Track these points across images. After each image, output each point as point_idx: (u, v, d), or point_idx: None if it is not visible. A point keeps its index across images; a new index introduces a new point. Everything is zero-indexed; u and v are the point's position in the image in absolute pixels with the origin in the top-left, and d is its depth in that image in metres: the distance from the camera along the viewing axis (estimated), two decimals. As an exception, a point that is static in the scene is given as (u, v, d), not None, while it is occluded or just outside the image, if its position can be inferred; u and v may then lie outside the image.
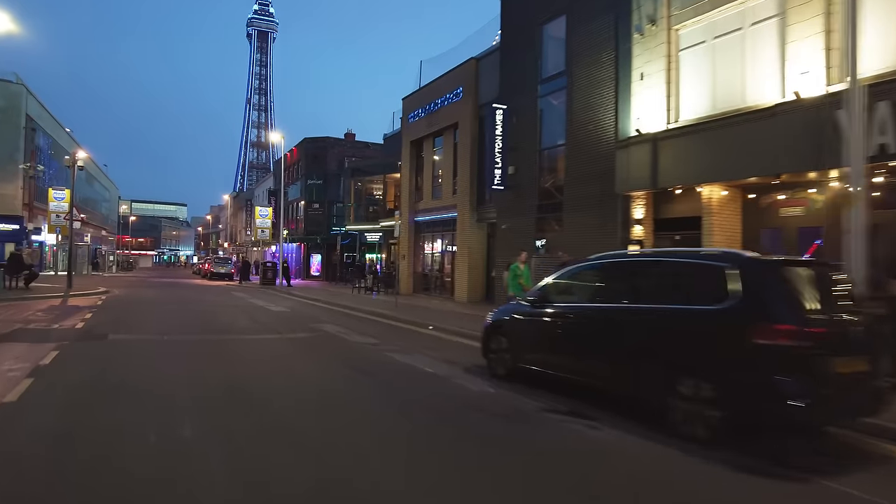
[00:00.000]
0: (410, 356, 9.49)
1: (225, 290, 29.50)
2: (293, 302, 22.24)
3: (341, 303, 21.00)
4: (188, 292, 26.67)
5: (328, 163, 43.44)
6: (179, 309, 17.43)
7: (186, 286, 32.44)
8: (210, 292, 26.97)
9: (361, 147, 44.59)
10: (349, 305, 19.93)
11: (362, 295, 26.18)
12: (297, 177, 47.14)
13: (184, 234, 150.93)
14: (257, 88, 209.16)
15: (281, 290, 29.19)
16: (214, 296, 24.36)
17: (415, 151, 27.45)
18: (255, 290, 30.12)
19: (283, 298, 24.20)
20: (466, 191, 22.34)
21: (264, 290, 29.35)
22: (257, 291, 28.57)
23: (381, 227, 30.99)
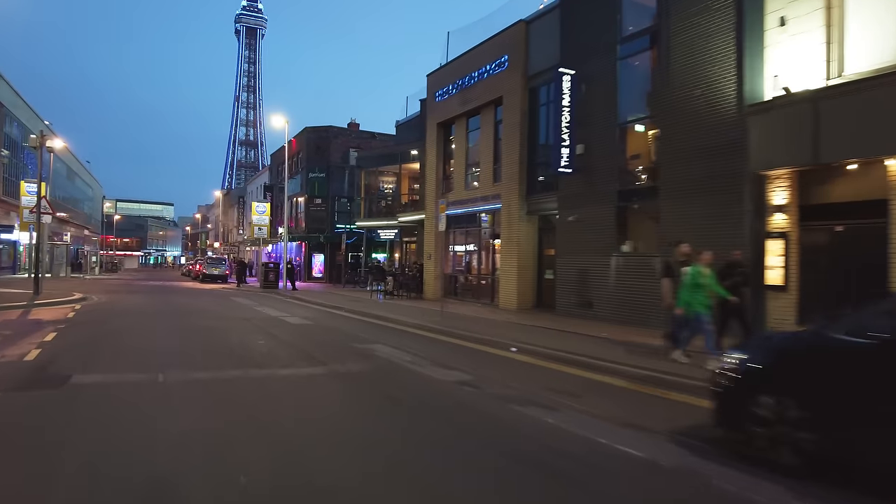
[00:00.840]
0: (553, 413, 5.87)
1: (222, 294, 25.65)
2: (311, 311, 18.52)
3: (369, 311, 17.32)
4: (181, 298, 22.81)
5: (331, 154, 39.63)
6: (174, 324, 13.66)
7: (178, 290, 28.51)
8: (206, 298, 23.14)
9: (367, 137, 40.81)
10: (381, 315, 16.26)
11: (387, 301, 22.47)
12: (296, 170, 43.26)
13: (171, 234, 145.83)
14: (246, 85, 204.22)
15: (287, 295, 25.42)
16: (213, 303, 20.55)
17: (442, 135, 23.79)
18: (257, 294, 26.30)
19: (296, 305, 20.44)
20: (514, 177, 18.73)
21: (268, 295, 25.55)
22: (261, 296, 24.77)
23: (399, 222, 27.27)
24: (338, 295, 25.36)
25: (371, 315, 16.48)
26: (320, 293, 26.33)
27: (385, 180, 32.90)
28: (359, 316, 16.66)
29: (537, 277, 18.91)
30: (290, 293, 26.03)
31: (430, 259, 23.79)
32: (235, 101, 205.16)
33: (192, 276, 44.18)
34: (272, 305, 19.80)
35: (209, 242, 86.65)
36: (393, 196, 32.01)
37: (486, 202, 20.54)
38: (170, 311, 16.73)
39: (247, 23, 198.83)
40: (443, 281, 23.44)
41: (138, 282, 37.03)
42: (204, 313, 16.22)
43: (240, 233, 63.13)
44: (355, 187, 40.21)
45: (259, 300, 22.25)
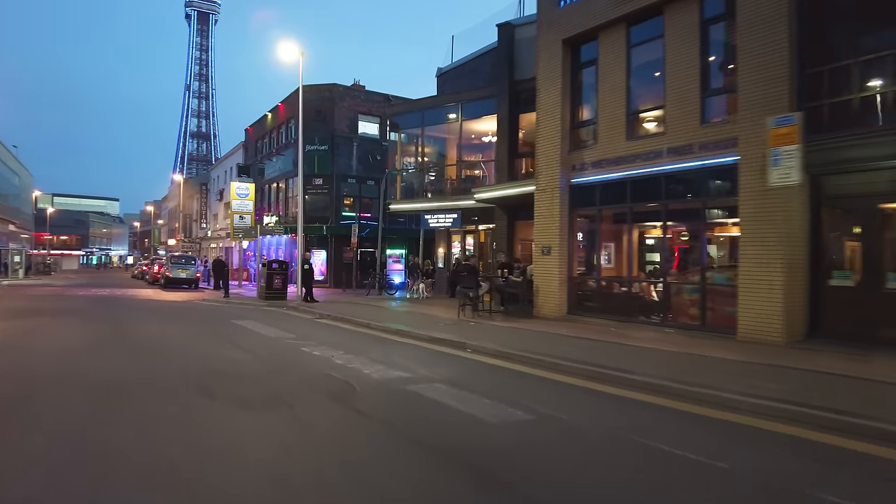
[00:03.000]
0: None
1: (212, 314, 16.02)
2: (409, 350, 9.38)
3: (522, 351, 8.32)
4: (148, 324, 13.11)
5: (336, 121, 30.04)
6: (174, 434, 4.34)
7: (135, 304, 18.60)
8: (193, 324, 13.54)
9: (379, 101, 31.40)
10: (566, 364, 7.28)
11: (492, 322, 13.44)
12: (284, 144, 33.36)
13: (116, 231, 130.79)
14: (197, 74, 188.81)
15: (311, 310, 16.04)
16: (218, 339, 11.07)
17: (572, 61, 14.86)
18: (267, 311, 16.80)
19: (368, 339, 11.17)
20: (770, 103, 10.04)
21: (286, 312, 16.15)
22: (277, 314, 15.33)
23: (476, 201, 18.06)
24: (391, 311, 16.14)
25: (534, 359, 7.49)
26: (361, 307, 17.01)
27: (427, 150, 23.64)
28: (521, 367, 7.57)
29: (810, 283, 10.35)
30: (308, 306, 16.58)
31: (546, 255, 14.83)
32: (186, 91, 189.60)
33: (150, 281, 33.64)
34: (333, 340, 10.47)
35: (163, 240, 74.68)
36: (438, 169, 22.77)
37: (687, 156, 11.84)
38: (143, 379, 7.06)
39: (199, 7, 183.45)
40: (572, 290, 14.56)
41: (75, 290, 26.46)
42: (239, 384, 6.78)
43: (202, 227, 52.27)
44: (375, 160, 30.87)
45: (287, 324, 12.83)
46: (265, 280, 19.11)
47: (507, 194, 16.43)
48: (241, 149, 41.43)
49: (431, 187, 21.79)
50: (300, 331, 12.04)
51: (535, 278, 15.05)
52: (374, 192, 31.25)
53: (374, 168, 30.88)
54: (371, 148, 30.91)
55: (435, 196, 21.10)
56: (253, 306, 18.01)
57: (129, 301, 19.62)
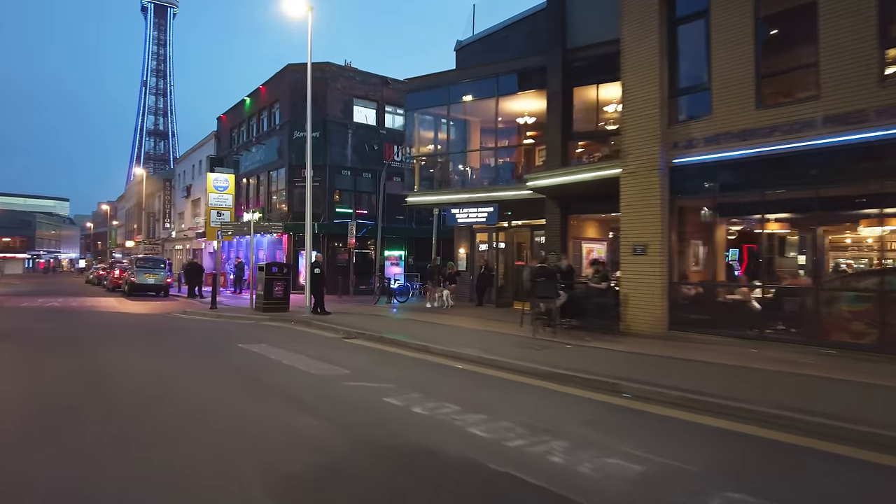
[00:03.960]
0: None
1: (206, 331, 12.31)
2: (548, 399, 6.05)
3: (713, 396, 5.15)
4: (130, 358, 9.32)
5: (329, 105, 26.35)
6: None
7: (100, 320, 14.62)
8: (193, 351, 9.87)
9: (376, 83, 27.86)
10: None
11: (583, 342, 10.26)
12: (267, 131, 29.39)
13: (66, 233, 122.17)
14: (154, 70, 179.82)
15: (330, 325, 12.51)
16: (243, 379, 7.51)
17: (665, 14, 11.78)
18: (269, 326, 13.15)
19: (455, 375, 7.80)
20: None
21: (299, 329, 12.59)
22: (291, 333, 11.76)
23: (530, 189, 14.75)
24: (433, 326, 12.77)
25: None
26: (388, 321, 13.58)
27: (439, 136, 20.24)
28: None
29: None
30: (333, 323, 13.01)
31: (640, 255, 11.76)
32: (143, 87, 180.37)
33: (109, 287, 29.11)
34: (456, 393, 7.04)
35: (120, 241, 68.82)
36: (461, 157, 19.42)
37: (855, 126, 8.96)
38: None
39: (155, 0, 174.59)
40: (674, 299, 11.52)
41: (19, 300, 21.78)
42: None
43: (166, 227, 47.45)
44: (372, 150, 27.31)
45: (338, 354, 9.26)
46: (263, 287, 15.39)
47: (577, 180, 13.25)
48: (212, 139, 37.11)
49: (457, 176, 18.44)
50: (345, 360, 8.57)
51: (624, 285, 11.93)
52: (370, 185, 27.73)
53: (370, 159, 27.33)
54: (367, 136, 27.35)
55: (466, 187, 17.77)
56: (252, 321, 14.31)
57: (90, 315, 15.57)
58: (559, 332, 11.43)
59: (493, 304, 18.24)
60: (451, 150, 18.50)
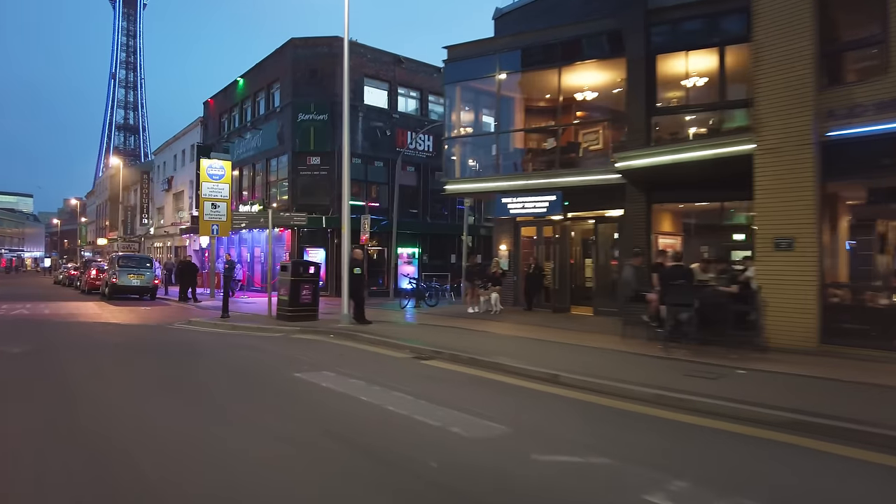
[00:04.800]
0: None
1: (236, 353, 9.39)
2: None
3: None
4: (148, 410, 6.41)
5: (337, 84, 23.34)
6: None
7: (85, 337, 11.46)
8: (239, 393, 6.90)
9: (389, 62, 24.98)
10: None
11: (736, 363, 7.69)
12: (265, 115, 26.21)
13: (30, 231, 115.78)
14: (124, 62, 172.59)
15: (383, 340, 9.76)
16: (359, 466, 4.66)
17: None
18: (308, 341, 10.31)
19: (653, 425, 5.05)
20: None
21: (350, 345, 9.75)
22: (347, 353, 8.96)
23: (622, 171, 12.07)
24: (516, 341, 10.14)
25: None
26: (448, 332, 10.85)
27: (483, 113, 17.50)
28: None
29: None
30: (383, 336, 10.22)
31: (785, 250, 9.30)
32: (111, 79, 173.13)
33: (84, 289, 25.60)
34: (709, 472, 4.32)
35: (91, 239, 64.35)
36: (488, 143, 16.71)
37: None
38: None
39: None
40: (828, 303, 9.12)
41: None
42: None
43: (143, 223, 43.67)
44: (384, 136, 24.49)
45: (444, 391, 6.46)
46: (288, 291, 12.44)
47: (688, 159, 10.67)
48: (198, 126, 33.66)
49: (507, 161, 15.73)
50: (472, 403, 5.84)
51: (763, 287, 9.43)
52: (382, 175, 24.89)
53: (382, 146, 24.47)
54: (379, 121, 24.46)
55: (521, 172, 15.08)
56: (279, 333, 11.39)
57: (70, 328, 12.39)
58: (681, 346, 8.90)
59: (546, 308, 15.67)
60: (498, 128, 15.76)
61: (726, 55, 12.14)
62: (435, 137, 25.90)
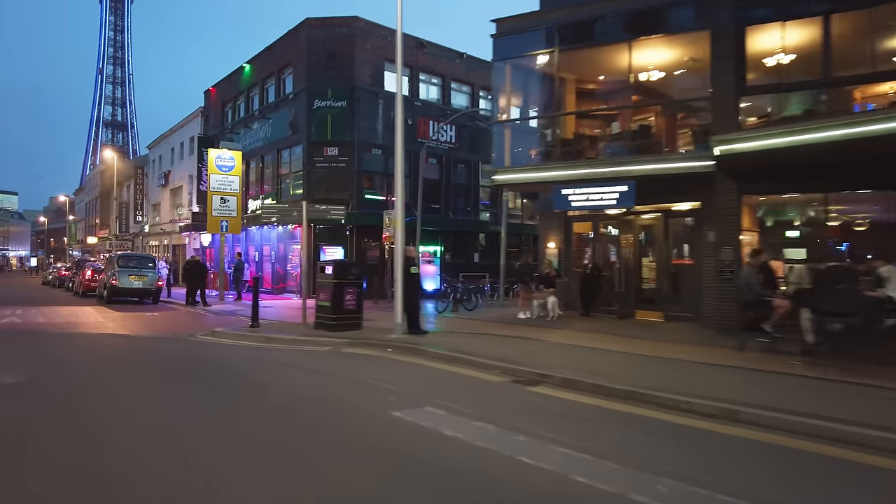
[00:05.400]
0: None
1: (276, 369, 7.52)
2: None
3: None
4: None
5: (357, 68, 21.45)
6: None
7: (86, 354, 9.57)
8: (313, 435, 5.05)
9: (411, 45, 23.04)
10: None
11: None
12: (274, 102, 24.20)
13: (15, 229, 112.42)
14: (111, 57, 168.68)
15: (457, 355, 7.96)
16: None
17: None
18: (367, 358, 8.45)
19: None
20: None
21: (418, 363, 7.88)
22: (428, 376, 7.14)
23: (726, 154, 10.27)
24: (626, 357, 8.35)
25: None
26: (527, 345, 9.07)
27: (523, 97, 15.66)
28: None
29: None
30: (453, 351, 8.40)
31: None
32: (99, 75, 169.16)
33: (78, 292, 23.44)
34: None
35: (82, 238, 61.78)
36: (544, 128, 14.92)
37: None
38: None
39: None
40: None
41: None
42: None
43: (137, 220, 41.40)
44: (405, 125, 22.70)
45: (629, 448, 4.68)
46: (330, 296, 10.55)
47: (823, 139, 8.92)
48: (198, 117, 31.50)
49: (564, 148, 13.93)
50: (658, 462, 4.03)
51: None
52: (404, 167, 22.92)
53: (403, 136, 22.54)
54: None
55: (585, 160, 13.27)
56: (327, 347, 9.50)
57: (72, 342, 10.37)
58: (822, 362, 7.19)
59: (605, 314, 13.94)
60: (554, 110, 13.93)
61: (832, 25, 10.47)
62: (458, 128, 24.11)
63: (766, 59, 11.51)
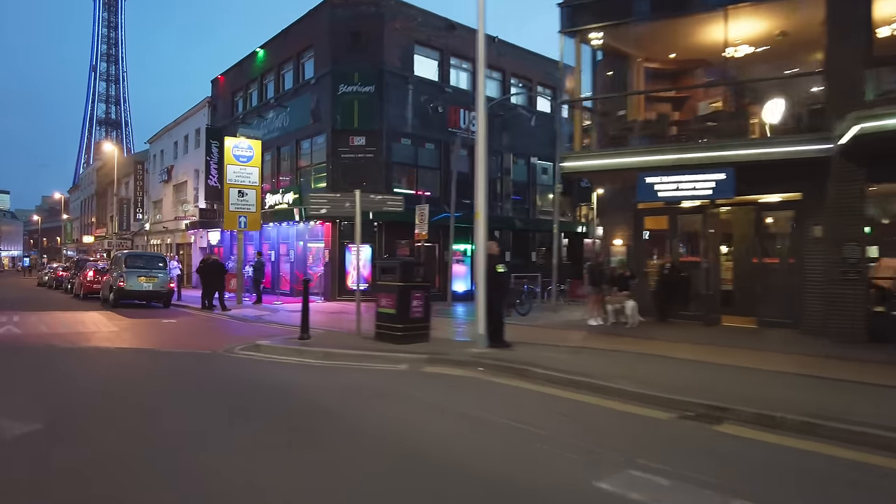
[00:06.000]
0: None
1: (368, 403, 5.77)
2: None
3: None
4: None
5: (385, 51, 19.66)
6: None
7: (109, 382, 7.79)
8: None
9: (441, 27, 21.31)
10: None
11: None
12: (292, 89, 22.37)
13: (7, 228, 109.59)
14: (105, 55, 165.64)
15: (595, 385, 6.26)
16: None
17: None
18: (442, 379, 6.72)
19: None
20: None
21: (563, 399, 6.09)
22: (567, 410, 5.38)
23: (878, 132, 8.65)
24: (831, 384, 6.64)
25: None
26: (624, 359, 7.35)
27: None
28: None
29: None
30: (556, 370, 6.69)
31: None
32: (92, 72, 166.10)
33: (78, 294, 21.50)
34: None
35: (77, 237, 59.64)
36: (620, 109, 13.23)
37: None
38: None
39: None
40: None
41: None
42: None
43: (137, 218, 39.42)
44: (436, 113, 21.07)
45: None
46: (396, 302, 8.79)
47: None
48: (204, 108, 29.56)
49: (644, 131, 12.23)
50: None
51: None
52: (433, 159, 21.29)
53: (432, 125, 20.86)
54: (430, 95, 20.83)
55: (675, 144, 11.56)
56: (404, 365, 7.75)
57: (85, 363, 8.58)
58: None
59: (685, 319, 12.30)
60: (633, 88, 12.22)
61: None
62: (489, 117, 22.29)
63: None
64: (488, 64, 23.29)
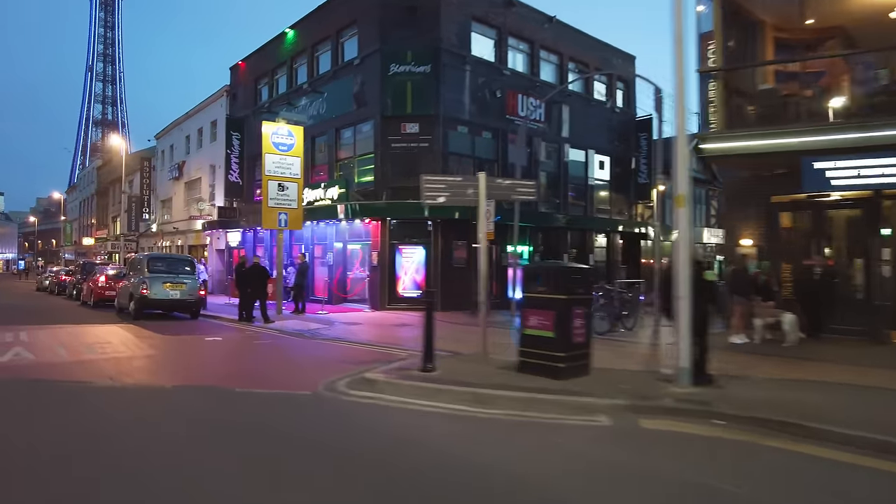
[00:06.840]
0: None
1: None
2: None
3: None
4: None
5: (442, 27, 17.27)
6: None
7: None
8: None
9: (499, 3, 18.94)
10: None
11: None
12: (332, 71, 19.90)
13: (2, 231, 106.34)
14: (102, 55, 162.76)
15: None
16: None
17: None
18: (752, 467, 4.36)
19: None
20: None
21: None
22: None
23: None
24: None
25: None
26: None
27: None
28: None
29: None
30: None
31: None
32: (88, 73, 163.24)
33: (90, 302, 18.90)
34: None
35: (77, 239, 56.89)
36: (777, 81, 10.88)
37: None
38: None
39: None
40: None
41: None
42: None
43: (144, 219, 36.80)
44: (494, 98, 18.82)
45: None
46: (554, 321, 6.40)
47: None
48: (222, 97, 27.02)
49: (801, 107, 9.90)
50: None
51: None
52: (490, 149, 18.91)
53: (489, 111, 18.49)
54: (488, 78, 18.47)
55: (854, 122, 9.19)
56: (605, 416, 5.38)
57: (134, 421, 6.07)
58: None
59: (842, 334, 10.01)
60: (797, 54, 9.88)
61: None
62: (547, 104, 19.94)
63: None
64: (546, 46, 21.04)
